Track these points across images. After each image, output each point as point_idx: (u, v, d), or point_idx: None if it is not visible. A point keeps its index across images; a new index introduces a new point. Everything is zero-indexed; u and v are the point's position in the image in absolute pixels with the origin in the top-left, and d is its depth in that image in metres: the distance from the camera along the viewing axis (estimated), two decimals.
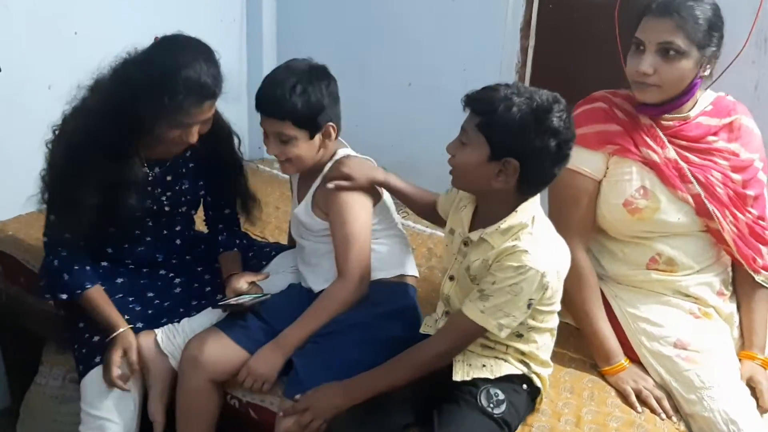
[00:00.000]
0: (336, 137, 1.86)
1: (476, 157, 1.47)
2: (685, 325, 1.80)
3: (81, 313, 1.91)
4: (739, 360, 1.82)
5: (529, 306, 1.51)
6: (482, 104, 1.46)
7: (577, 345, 1.92)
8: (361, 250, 1.81)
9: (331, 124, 1.81)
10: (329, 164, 1.87)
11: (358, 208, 1.82)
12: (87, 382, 1.80)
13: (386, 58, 3.10)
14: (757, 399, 1.73)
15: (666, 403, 1.72)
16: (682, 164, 1.79)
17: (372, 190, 1.89)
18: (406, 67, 3.05)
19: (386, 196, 1.96)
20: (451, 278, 1.66)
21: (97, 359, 1.80)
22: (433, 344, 1.60)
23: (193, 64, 1.69)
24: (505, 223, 1.52)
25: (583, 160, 1.81)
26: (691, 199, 1.79)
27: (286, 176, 3.07)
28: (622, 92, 1.88)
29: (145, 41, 1.81)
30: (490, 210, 1.56)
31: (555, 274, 1.52)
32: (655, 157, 1.79)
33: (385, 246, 1.92)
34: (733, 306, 1.91)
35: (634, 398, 1.73)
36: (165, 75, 1.68)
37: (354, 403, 1.59)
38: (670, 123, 1.82)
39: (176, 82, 1.67)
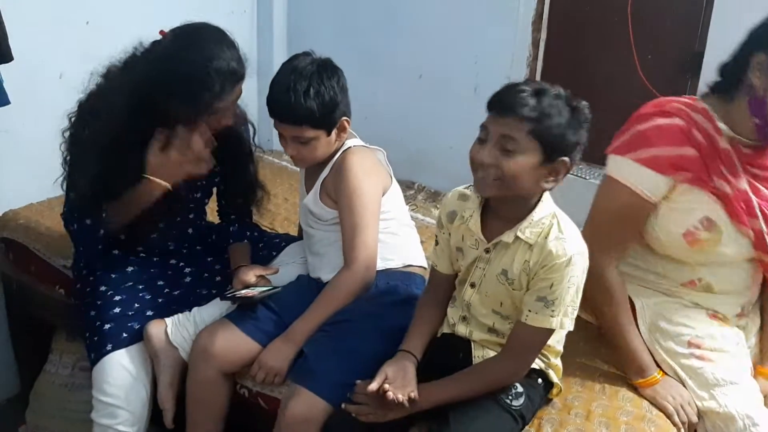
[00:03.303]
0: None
1: (530, 164, 1.43)
2: (700, 325, 1.76)
3: (92, 302, 1.91)
4: (756, 375, 1.78)
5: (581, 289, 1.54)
6: (528, 110, 1.41)
7: (588, 337, 1.91)
8: (369, 239, 1.81)
9: (345, 118, 1.82)
10: (338, 154, 1.87)
11: (367, 195, 1.82)
12: (98, 369, 1.81)
13: (396, 49, 3.09)
14: None
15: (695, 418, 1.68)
16: (752, 196, 1.67)
17: (382, 177, 1.89)
18: (416, 59, 3.04)
19: (395, 185, 1.95)
20: (472, 285, 1.64)
21: (109, 347, 1.81)
22: (506, 363, 1.58)
23: (219, 54, 1.73)
24: (537, 215, 1.51)
25: (646, 182, 1.68)
26: (752, 234, 1.69)
27: (295, 168, 3.11)
28: (699, 106, 1.69)
29: (155, 32, 1.81)
30: (512, 211, 1.54)
31: (587, 253, 1.53)
32: (727, 189, 1.65)
33: (393, 235, 1.92)
34: (747, 318, 1.86)
35: (677, 418, 1.67)
36: (198, 72, 1.71)
37: (422, 409, 1.55)
38: (748, 150, 1.68)
39: (210, 77, 1.71)
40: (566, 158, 1.44)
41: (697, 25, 2.47)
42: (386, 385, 1.51)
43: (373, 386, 1.51)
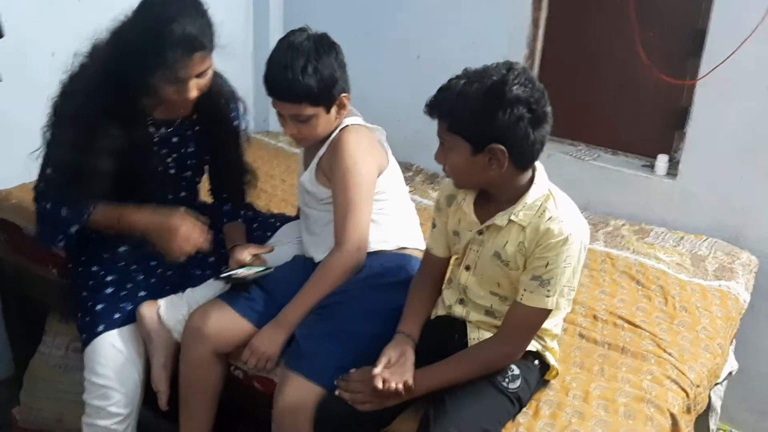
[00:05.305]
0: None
1: (462, 158, 1.47)
2: None
3: (84, 282, 1.89)
4: None
5: (580, 270, 1.53)
6: (441, 108, 1.46)
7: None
8: (361, 218, 1.78)
9: (344, 94, 1.78)
10: (335, 132, 1.83)
11: (361, 175, 1.79)
12: (90, 350, 1.78)
13: (394, 29, 3.06)
14: None
15: None
16: None
17: (379, 157, 1.86)
18: (414, 40, 3.01)
19: (393, 164, 1.92)
20: (467, 268, 1.63)
21: (100, 328, 1.79)
22: (501, 344, 1.56)
23: (177, 18, 1.65)
24: (529, 198, 1.50)
25: None
26: None
27: (292, 149, 3.10)
28: None
29: None
30: (503, 194, 1.53)
31: (586, 231, 1.52)
32: None
33: (388, 216, 1.89)
34: None
35: None
36: (150, 32, 1.65)
37: (418, 395, 1.54)
38: None
39: (161, 38, 1.64)
40: (497, 144, 1.42)
41: (700, 3, 2.43)
42: (385, 374, 1.50)
43: (378, 369, 1.51)
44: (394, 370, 1.52)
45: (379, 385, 1.49)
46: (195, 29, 1.67)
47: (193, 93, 1.76)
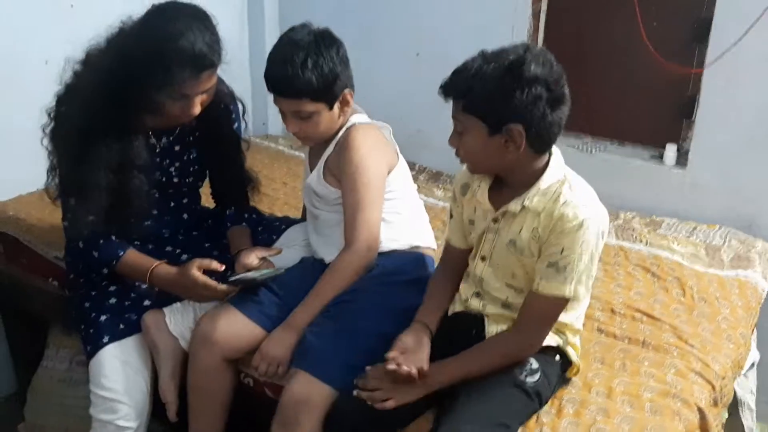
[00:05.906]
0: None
1: (478, 140, 1.44)
2: None
3: (86, 293, 1.85)
4: None
5: (598, 257, 1.49)
6: (457, 88, 1.44)
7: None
8: (371, 217, 1.75)
9: (347, 90, 1.75)
10: (342, 131, 1.80)
11: (371, 173, 1.75)
12: (95, 363, 1.74)
13: (393, 26, 3.02)
14: None
15: None
16: None
17: (388, 155, 1.82)
18: (413, 37, 2.98)
19: (402, 162, 1.89)
20: (483, 258, 1.59)
21: (105, 339, 1.75)
22: (518, 336, 1.53)
23: (187, 34, 1.60)
24: (544, 183, 1.47)
25: None
26: None
27: (292, 151, 3.06)
28: None
29: (141, 12, 1.71)
30: (518, 179, 1.51)
31: (604, 217, 1.49)
32: None
33: (399, 215, 1.86)
34: None
35: None
36: (157, 47, 1.60)
37: (434, 388, 1.51)
38: None
39: (169, 55, 1.59)
40: (515, 124, 1.39)
41: None
42: (399, 358, 1.47)
43: (392, 353, 1.48)
44: (408, 356, 1.49)
45: (392, 366, 1.45)
46: (204, 46, 1.62)
47: (197, 109, 1.72)
